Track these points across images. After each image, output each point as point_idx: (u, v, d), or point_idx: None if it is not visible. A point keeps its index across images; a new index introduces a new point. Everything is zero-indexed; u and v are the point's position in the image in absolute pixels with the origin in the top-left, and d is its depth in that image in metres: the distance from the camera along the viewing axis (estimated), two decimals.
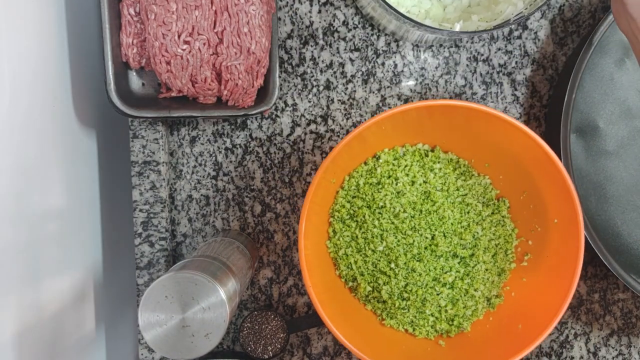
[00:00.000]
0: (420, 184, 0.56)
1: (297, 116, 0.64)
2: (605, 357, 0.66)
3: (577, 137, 0.61)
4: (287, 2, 0.62)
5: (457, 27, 0.50)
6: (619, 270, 0.60)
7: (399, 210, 0.55)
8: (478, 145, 0.56)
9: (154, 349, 0.43)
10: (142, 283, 0.62)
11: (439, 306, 0.57)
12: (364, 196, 0.56)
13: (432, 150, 0.58)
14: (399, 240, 0.55)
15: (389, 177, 0.56)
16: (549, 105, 0.64)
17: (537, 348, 0.66)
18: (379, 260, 0.56)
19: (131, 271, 0.71)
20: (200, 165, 0.64)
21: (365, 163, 0.57)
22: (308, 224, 0.51)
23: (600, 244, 0.60)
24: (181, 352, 0.44)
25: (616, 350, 0.66)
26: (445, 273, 0.56)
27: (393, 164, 0.57)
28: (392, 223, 0.55)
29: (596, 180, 0.61)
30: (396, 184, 0.56)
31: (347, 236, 0.57)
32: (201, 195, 0.64)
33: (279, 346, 0.61)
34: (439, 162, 0.57)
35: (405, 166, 0.57)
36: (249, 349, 0.61)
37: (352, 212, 0.57)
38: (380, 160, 0.57)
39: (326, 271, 0.57)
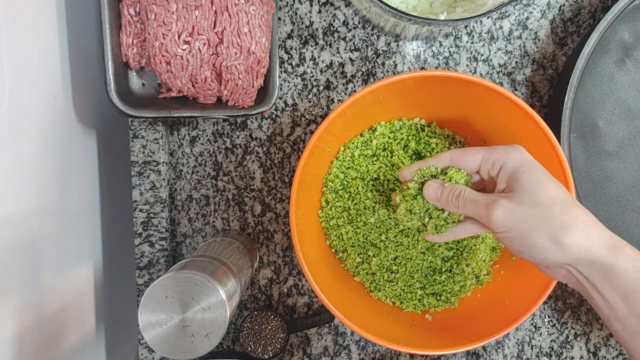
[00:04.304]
0: (415, 158, 0.57)
1: (297, 116, 0.64)
2: (605, 357, 0.66)
3: (577, 137, 0.61)
4: (287, 2, 0.62)
5: (442, 17, 0.51)
6: None
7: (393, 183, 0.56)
8: (474, 122, 0.56)
9: (154, 349, 0.43)
10: (142, 283, 0.62)
11: (427, 280, 0.57)
12: (358, 167, 0.57)
13: (429, 126, 0.58)
14: (390, 213, 0.56)
15: (385, 149, 0.57)
16: (549, 105, 0.64)
17: (537, 348, 0.66)
18: (370, 232, 0.56)
19: (131, 271, 0.71)
20: (200, 165, 0.64)
21: (361, 135, 0.58)
22: (300, 191, 0.51)
23: None
24: (181, 352, 0.44)
25: (616, 350, 0.66)
26: (436, 248, 0.56)
27: (389, 137, 0.57)
28: (385, 196, 0.56)
29: (596, 180, 0.61)
30: (391, 157, 0.56)
31: (339, 207, 0.57)
32: (201, 195, 0.64)
33: (279, 346, 0.61)
34: (435, 137, 0.57)
35: (401, 139, 0.57)
36: (249, 349, 0.61)
37: (345, 182, 0.57)
38: (376, 133, 0.57)
39: (317, 241, 0.57)
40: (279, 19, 0.62)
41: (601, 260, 0.38)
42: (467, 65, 0.63)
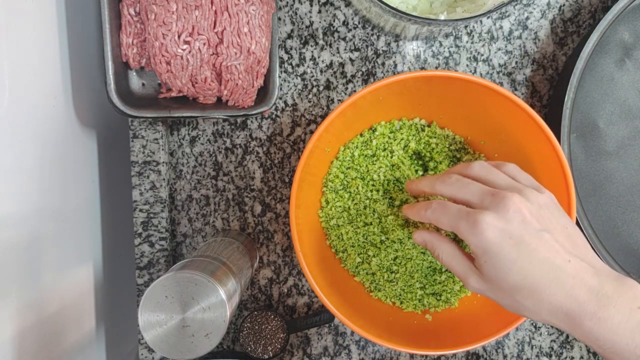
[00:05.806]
0: (415, 159, 0.57)
1: (297, 116, 0.64)
2: None
3: (577, 137, 0.61)
4: (287, 2, 0.62)
5: (442, 17, 0.51)
6: (619, 270, 0.60)
7: (393, 183, 0.56)
8: (474, 122, 0.56)
9: (154, 349, 0.43)
10: (142, 283, 0.62)
11: (427, 280, 0.57)
12: (358, 167, 0.57)
13: (429, 126, 0.58)
14: (392, 210, 0.56)
15: (385, 149, 0.57)
16: (549, 105, 0.64)
17: (537, 348, 0.65)
18: (370, 232, 0.56)
19: (131, 271, 0.71)
20: (200, 165, 0.64)
21: (361, 134, 0.58)
22: (300, 191, 0.51)
23: (600, 244, 0.60)
24: (181, 352, 0.44)
25: None
26: None
27: (389, 137, 0.57)
28: (385, 196, 0.56)
29: (596, 181, 0.61)
30: (391, 157, 0.57)
31: (339, 207, 0.57)
32: (201, 195, 0.64)
33: (279, 346, 0.61)
34: (435, 137, 0.58)
35: (401, 139, 0.57)
36: (249, 349, 0.61)
37: (345, 182, 0.57)
38: (376, 133, 0.57)
39: (317, 240, 0.58)
40: (279, 19, 0.62)
41: (569, 332, 0.40)
42: (467, 65, 0.63)
